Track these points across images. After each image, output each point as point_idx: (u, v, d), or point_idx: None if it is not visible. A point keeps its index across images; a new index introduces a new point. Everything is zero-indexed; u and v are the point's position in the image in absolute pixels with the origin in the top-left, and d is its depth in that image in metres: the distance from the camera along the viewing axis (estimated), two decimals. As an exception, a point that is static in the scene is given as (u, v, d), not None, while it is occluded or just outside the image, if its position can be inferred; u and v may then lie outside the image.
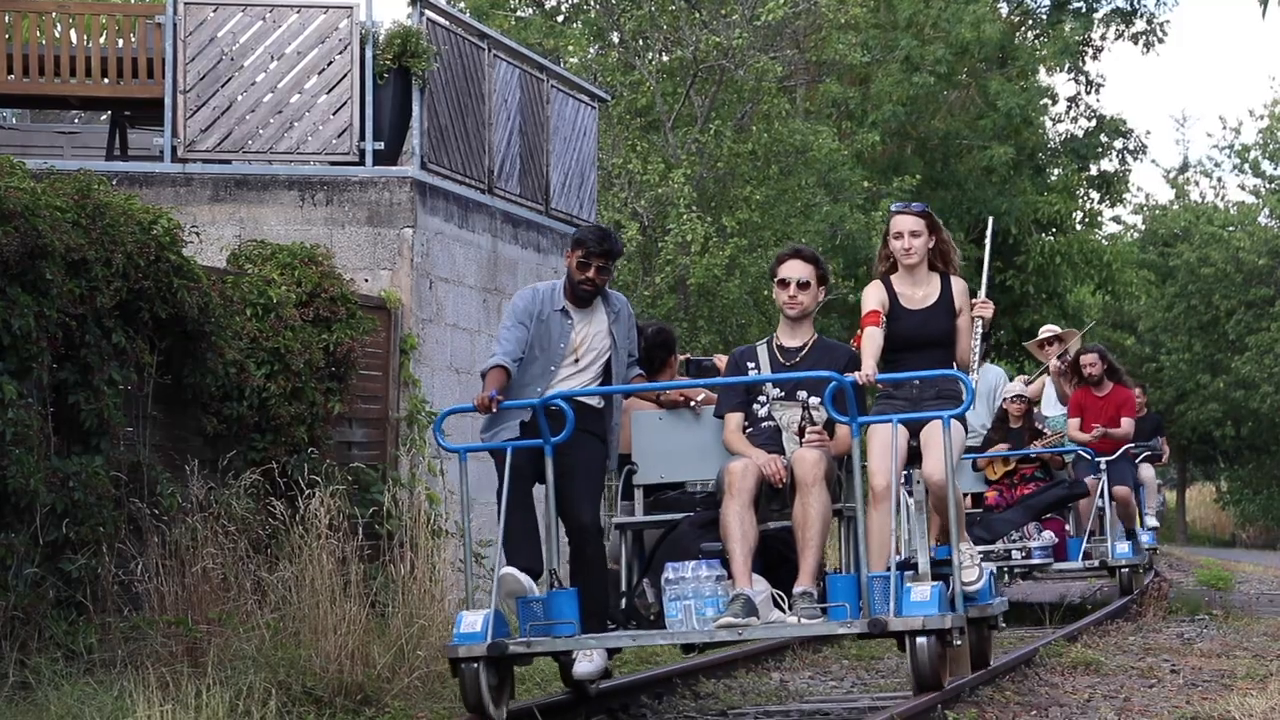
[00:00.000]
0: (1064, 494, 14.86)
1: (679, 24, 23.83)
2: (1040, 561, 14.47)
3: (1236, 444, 43.81)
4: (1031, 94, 32.41)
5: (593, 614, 8.27)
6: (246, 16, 13.15)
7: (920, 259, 8.65)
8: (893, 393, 8.63)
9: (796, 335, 8.63)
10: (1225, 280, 41.31)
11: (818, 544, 8.00)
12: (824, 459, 8.11)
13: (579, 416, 8.41)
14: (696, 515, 8.48)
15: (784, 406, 8.48)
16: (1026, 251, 32.66)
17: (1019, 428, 15.21)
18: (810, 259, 8.61)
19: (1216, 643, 11.70)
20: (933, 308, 8.64)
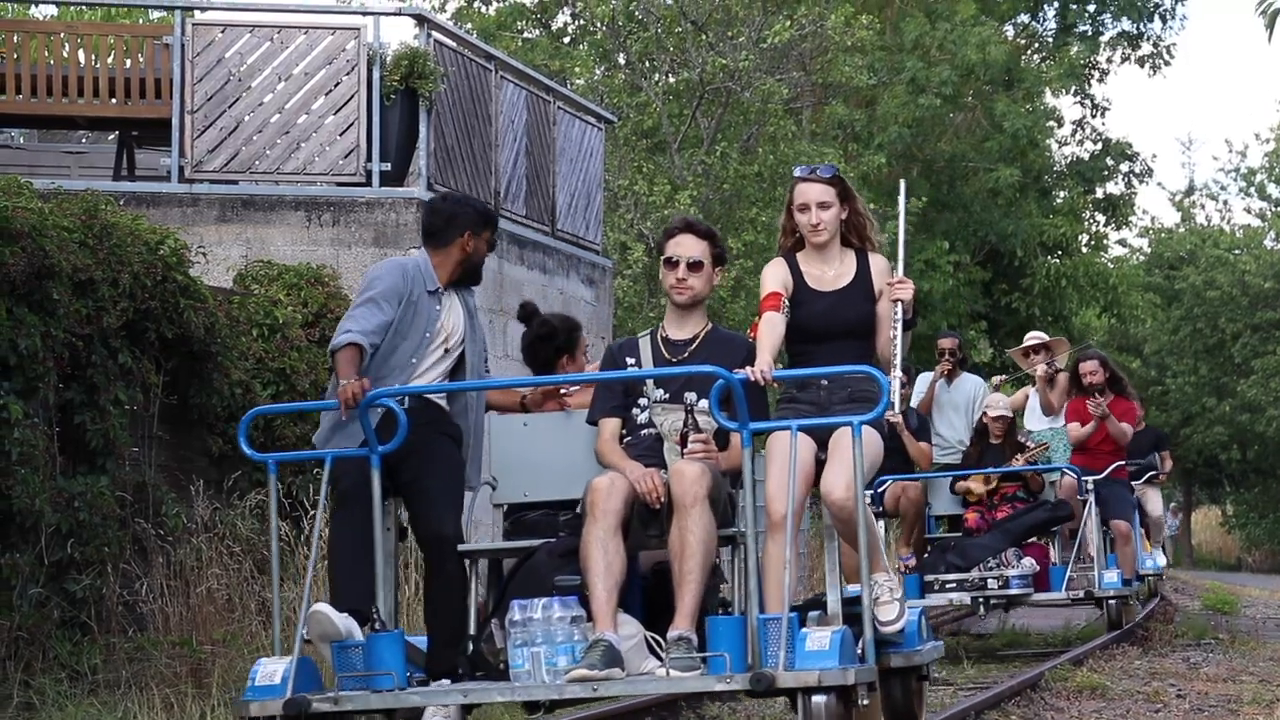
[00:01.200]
0: (1046, 517, 13.44)
1: (685, 46, 23.85)
2: (1019, 592, 13.01)
3: (1242, 467, 43.83)
4: (1038, 116, 32.43)
5: (447, 648, 6.98)
6: (254, 37, 13.18)
7: (831, 235, 7.18)
8: (796, 395, 7.15)
9: (686, 325, 7.17)
10: (1231, 303, 41.35)
11: (697, 578, 6.49)
12: (707, 474, 6.59)
13: (429, 416, 7.22)
14: (556, 542, 6.95)
15: (666, 411, 7.01)
16: (1032, 274, 32.66)
17: (1000, 443, 13.82)
18: (705, 234, 7.20)
19: (1222, 667, 11.67)
20: (846, 290, 7.17)
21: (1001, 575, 12.94)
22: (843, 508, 6.71)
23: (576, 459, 7.16)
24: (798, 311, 7.10)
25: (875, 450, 6.93)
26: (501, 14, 30.34)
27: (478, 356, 7.53)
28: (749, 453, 6.41)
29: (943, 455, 14.06)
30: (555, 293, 14.65)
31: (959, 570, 12.98)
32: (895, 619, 6.96)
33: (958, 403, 14.33)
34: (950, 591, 13.04)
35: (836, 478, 6.72)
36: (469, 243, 7.39)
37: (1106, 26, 36.08)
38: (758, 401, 6.76)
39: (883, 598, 6.94)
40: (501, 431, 7.44)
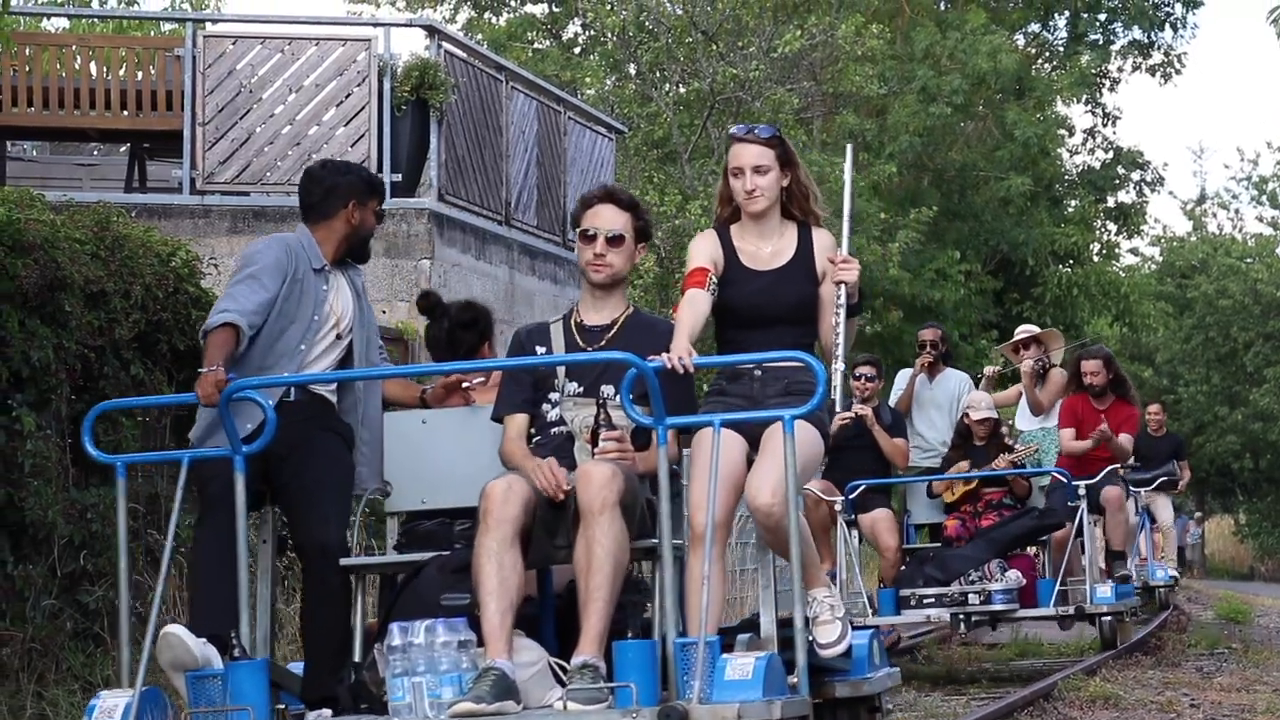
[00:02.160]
0: (1033, 525, 12.23)
1: (696, 56, 23.87)
2: (1002, 607, 11.75)
3: (1255, 476, 43.74)
4: (1049, 125, 32.42)
5: (326, 674, 6.12)
6: (265, 49, 13.21)
7: (768, 204, 6.32)
8: (726, 387, 6.27)
9: (604, 309, 6.31)
10: (1243, 312, 41.28)
11: (605, 596, 5.55)
12: (619, 477, 5.67)
13: (312, 411, 6.45)
14: (449, 556, 6.04)
15: (579, 406, 6.15)
16: (1043, 283, 32.65)
17: (984, 444, 12.65)
18: (628, 205, 6.35)
19: (1236, 677, 11.64)
20: (785, 269, 6.30)
21: (983, 589, 11.71)
22: (769, 514, 5.82)
23: (481, 461, 6.22)
24: (728, 291, 6.24)
25: (812, 449, 6.06)
26: (512, 25, 30.40)
27: (368, 344, 6.71)
28: (664, 452, 5.49)
29: (923, 458, 13.07)
30: (566, 303, 14.65)
31: (937, 583, 11.81)
32: (836, 641, 6.19)
33: (939, 400, 13.26)
34: (928, 607, 11.85)
35: (763, 480, 5.84)
36: (354, 214, 6.68)
37: (1117, 35, 36.10)
38: (681, 393, 5.99)
39: (822, 616, 6.20)
40: (397, 430, 6.59)
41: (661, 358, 5.67)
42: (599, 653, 5.53)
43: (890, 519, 12.52)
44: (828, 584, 6.29)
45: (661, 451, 5.53)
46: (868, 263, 25.44)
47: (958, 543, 12.18)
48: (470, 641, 5.56)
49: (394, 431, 6.58)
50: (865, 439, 12.38)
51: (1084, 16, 35.42)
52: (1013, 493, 12.49)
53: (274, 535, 6.41)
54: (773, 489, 5.80)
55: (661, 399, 5.49)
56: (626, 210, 6.32)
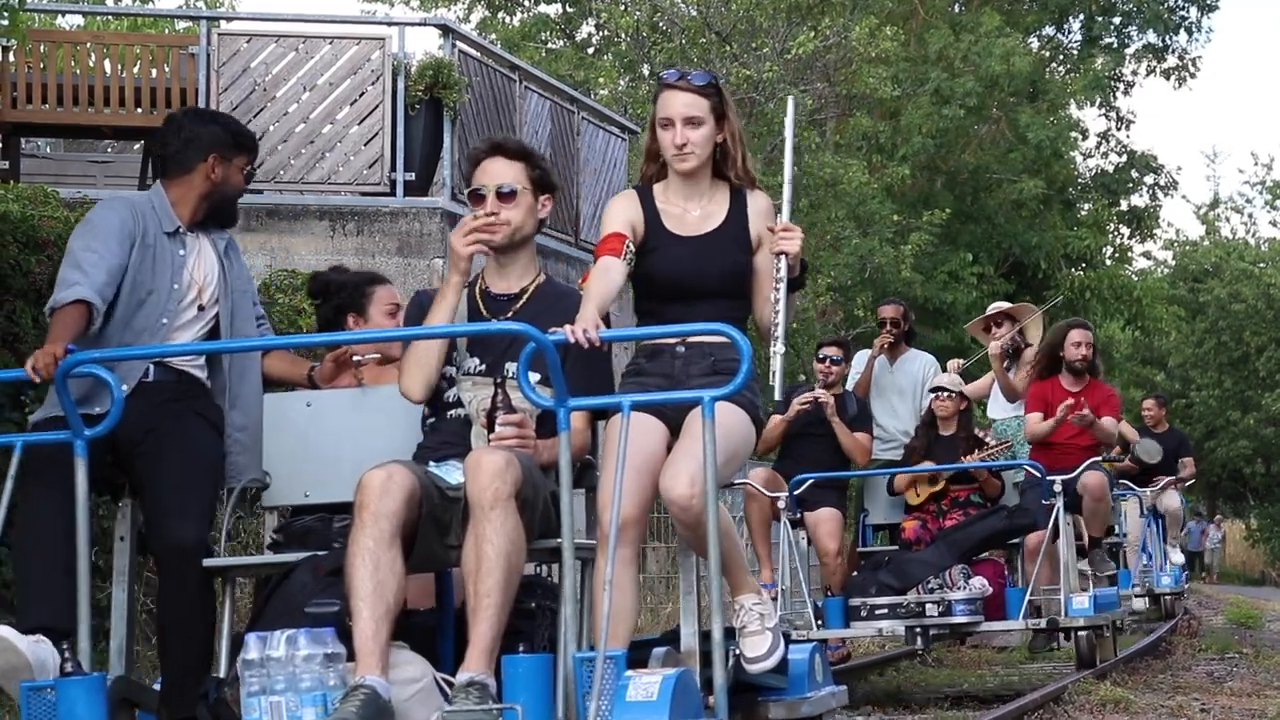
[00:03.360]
0: (1002, 526, 10.86)
1: (709, 57, 23.88)
2: (964, 620, 10.27)
3: (1267, 481, 43.72)
4: (1062, 128, 32.41)
5: (183, 690, 5.43)
6: (279, 48, 13.23)
7: (699, 162, 5.57)
8: (645, 365, 5.55)
9: (510, 276, 5.57)
10: (1256, 316, 41.25)
11: (496, 602, 4.78)
12: (515, 467, 4.90)
13: (177, 392, 5.81)
14: (324, 557, 5.28)
15: (477, 385, 5.39)
16: (1056, 286, 32.64)
17: (952, 435, 11.23)
18: (517, 154, 5.60)
19: (1247, 681, 11.62)
20: (714, 235, 5.58)
21: (943, 599, 10.26)
22: (687, 508, 5.11)
23: (374, 449, 5.43)
24: (649, 259, 5.55)
25: (739, 436, 5.35)
26: (526, 25, 30.42)
27: (238, 315, 5.95)
28: (566, 437, 4.73)
29: (882, 450, 11.77)
30: (578, 303, 14.69)
31: (892, 591, 10.40)
32: (766, 654, 5.44)
33: (902, 385, 11.99)
34: (880, 619, 10.38)
35: (680, 469, 5.15)
36: (215, 169, 5.94)
37: (1132, 39, 36.07)
38: (595, 372, 5.33)
39: (750, 626, 5.47)
40: (279, 413, 5.81)
41: (564, 330, 4.90)
42: (488, 668, 4.75)
43: (835, 520, 11.24)
44: (757, 590, 5.55)
45: (563, 437, 4.72)
46: (880, 264, 25.45)
47: (917, 546, 10.90)
48: (339, 655, 4.75)
49: (275, 415, 5.81)
50: (824, 427, 11.17)
51: (1098, 20, 35.39)
52: (983, 491, 11.21)
53: (133, 531, 5.70)
54: (690, 479, 5.09)
55: (563, 377, 4.71)
56: (517, 160, 5.59)
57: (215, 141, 5.97)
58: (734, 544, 5.53)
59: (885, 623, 10.36)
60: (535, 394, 4.78)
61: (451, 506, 5.00)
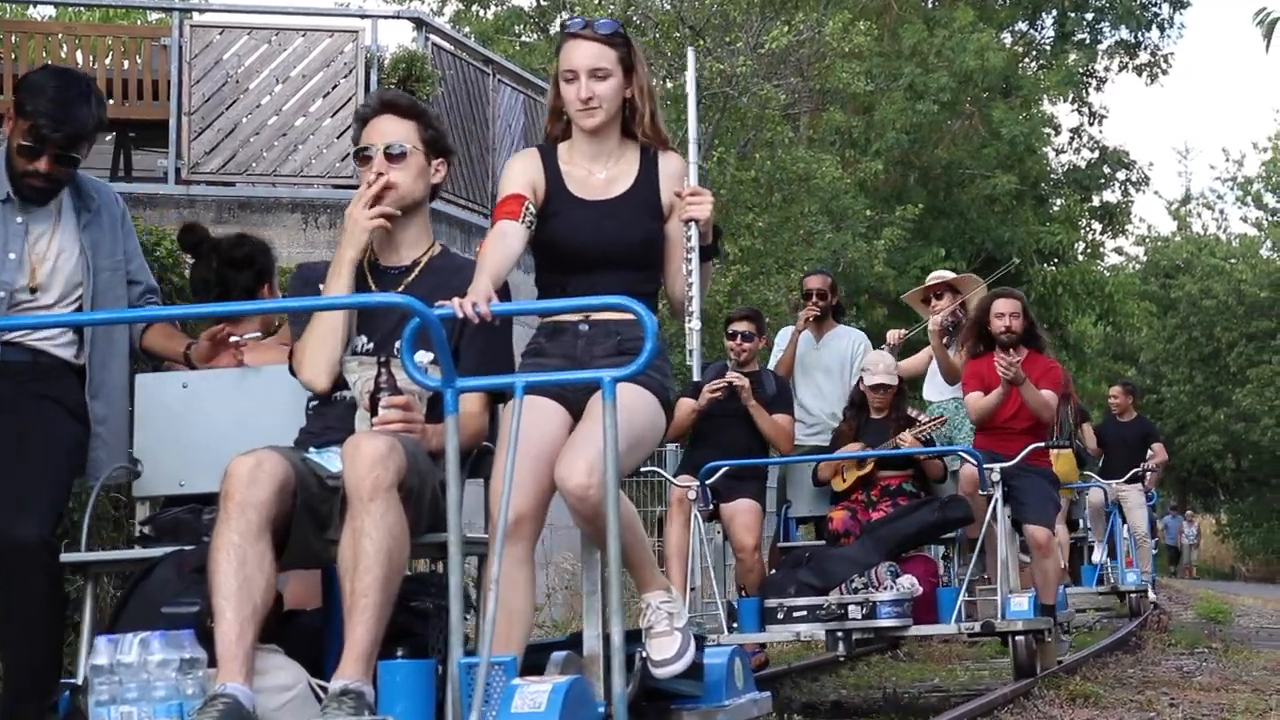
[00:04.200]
0: (933, 519, 9.74)
1: (683, 51, 23.88)
2: (891, 623, 9.27)
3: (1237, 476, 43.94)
4: (1035, 123, 32.50)
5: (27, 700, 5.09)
6: (252, 40, 13.19)
7: (607, 118, 5.06)
8: (545, 345, 5.07)
9: (401, 247, 5.07)
10: (1227, 312, 41.42)
11: (375, 602, 4.35)
12: (398, 453, 4.46)
13: (26, 374, 5.32)
14: (190, 552, 4.76)
15: (364, 365, 4.91)
16: (1028, 281, 32.73)
17: (883, 417, 10.15)
18: (409, 112, 5.09)
19: (1216, 676, 11.66)
20: (622, 200, 5.08)
21: (867, 600, 9.24)
22: (584, 498, 4.62)
23: (255, 434, 4.91)
24: (550, 225, 5.04)
25: (645, 420, 4.86)
26: (500, 18, 30.40)
27: (107, 299, 5.45)
28: (453, 421, 4.25)
29: (807, 435, 10.68)
30: (551, 297, 14.69)
31: (813, 591, 9.37)
32: (674, 657, 4.90)
33: (828, 363, 10.81)
34: (798, 621, 9.37)
35: (576, 455, 4.67)
36: (10, 133, 5.38)
37: (1104, 35, 36.21)
38: (492, 349, 4.91)
39: (657, 627, 4.92)
40: (152, 395, 5.27)
41: (451, 303, 4.44)
42: (365, 675, 4.31)
43: (753, 512, 10.03)
44: (666, 587, 5.03)
45: (449, 421, 4.25)
46: (854, 259, 25.49)
47: (846, 539, 9.75)
48: (198, 660, 4.26)
49: (148, 397, 5.27)
50: (739, 410, 10.00)
51: (1071, 16, 35.50)
52: (922, 477, 10.11)
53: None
54: (588, 466, 4.60)
55: (450, 356, 4.26)
56: (409, 119, 5.08)
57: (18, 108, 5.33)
58: (638, 537, 4.93)
59: (804, 626, 9.39)
60: (420, 374, 4.30)
61: (331, 497, 4.52)
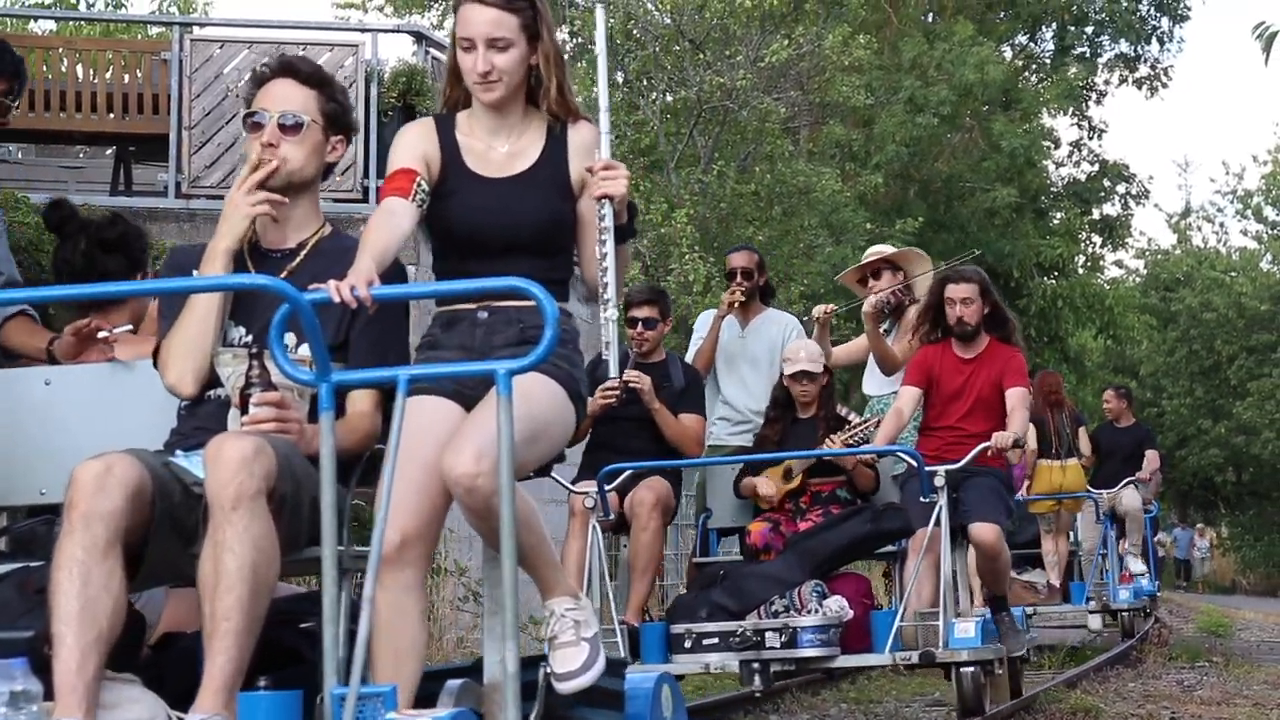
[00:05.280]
0: (865, 531, 8.39)
1: (683, 65, 23.89)
2: (815, 652, 7.89)
3: (1238, 490, 43.90)
4: (1035, 137, 32.53)
5: None
6: (252, 54, 13.20)
7: (508, 91, 4.52)
8: (440, 336, 4.54)
9: (286, 228, 4.55)
10: (1227, 325, 41.41)
11: (238, 626, 3.83)
12: (265, 457, 3.95)
13: None
14: (35, 569, 4.25)
15: (237, 358, 4.36)
16: (1028, 295, 32.72)
17: (812, 416, 8.76)
18: (311, 79, 4.57)
19: (1217, 690, 11.65)
20: (526, 178, 4.55)
21: (787, 625, 7.89)
22: (472, 488, 4.07)
23: (124, 436, 4.38)
24: (446, 205, 4.53)
25: (548, 411, 4.33)
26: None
27: None
28: (327, 420, 3.78)
29: (731, 434, 9.39)
30: (551, 310, 14.68)
31: (728, 615, 8.07)
32: (581, 669, 4.34)
33: (755, 353, 9.43)
34: (708, 650, 8.01)
35: (464, 443, 4.12)
36: None
37: (1104, 48, 36.23)
38: (385, 339, 4.42)
39: (562, 637, 4.39)
40: (11, 394, 4.77)
41: (327, 286, 3.93)
42: (225, 708, 3.81)
43: (656, 487, 8.63)
44: (573, 592, 4.49)
45: (324, 420, 3.76)
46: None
47: (766, 555, 8.43)
48: (32, 693, 3.68)
49: (8, 396, 4.78)
50: (644, 413, 8.66)
51: (1071, 29, 35.53)
52: (852, 485, 8.74)
53: None
54: (477, 453, 4.07)
55: (324, 345, 3.80)
56: (311, 87, 4.56)
57: None
58: (539, 537, 4.35)
59: (714, 656, 8.05)
60: (290, 366, 3.82)
61: (197, 505, 4.01)
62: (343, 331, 4.36)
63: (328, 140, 4.58)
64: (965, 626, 8.15)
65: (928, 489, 8.25)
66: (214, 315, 4.39)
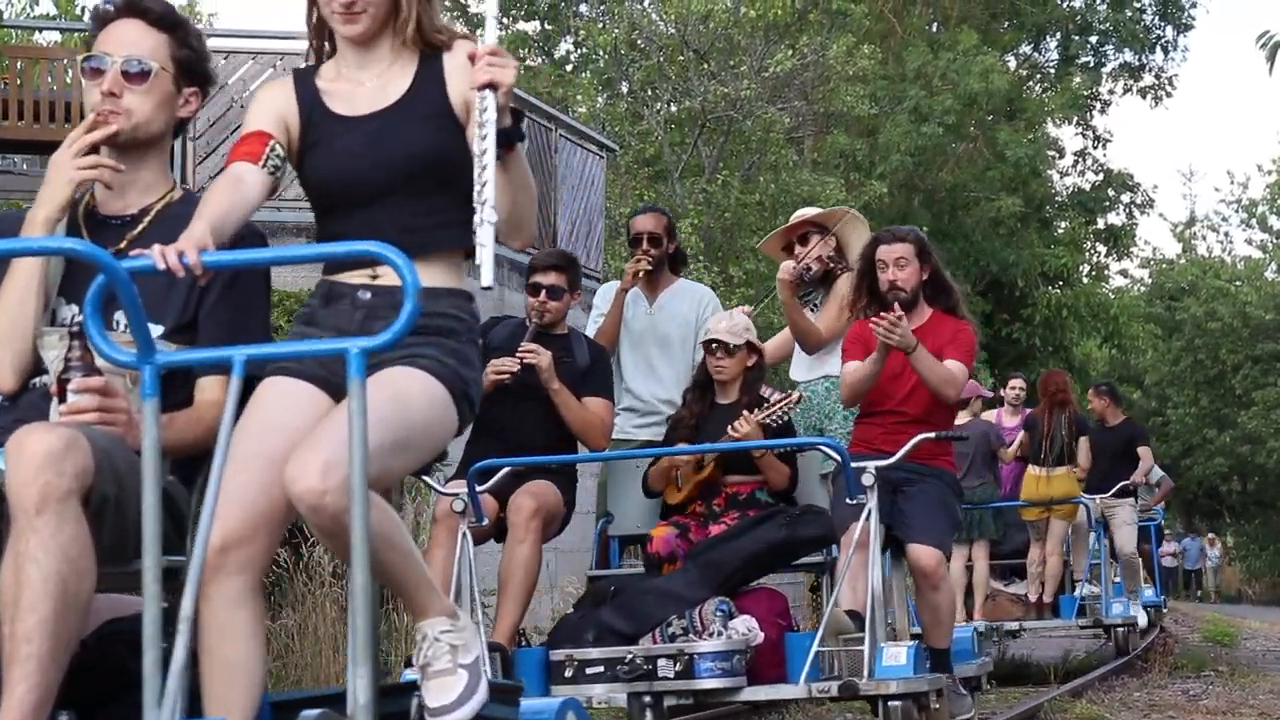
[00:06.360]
0: (779, 539, 7.03)
1: (687, 75, 23.91)
2: (716, 684, 6.61)
3: (1243, 499, 43.90)
4: (1039, 146, 32.55)
5: None
6: (256, 64, 13.22)
7: (371, 24, 3.91)
8: (316, 314, 3.91)
9: (130, 192, 3.94)
10: (1232, 335, 41.41)
11: (40, 651, 3.27)
12: (77, 453, 3.35)
13: None
14: None
15: (63, 340, 3.70)
16: (1033, 304, 32.71)
17: (733, 402, 7.34)
18: (165, 21, 3.96)
19: (1222, 700, 11.63)
20: (398, 110, 3.90)
21: (682, 652, 6.61)
22: (316, 507, 3.45)
23: None
24: (312, 159, 3.96)
25: (422, 411, 3.66)
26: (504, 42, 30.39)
27: None
28: (153, 407, 3.19)
29: (638, 426, 7.93)
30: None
31: (619, 639, 6.80)
32: (455, 703, 3.74)
33: (665, 332, 7.95)
34: (592, 681, 6.75)
35: (309, 454, 3.47)
36: None
37: (1108, 58, 36.23)
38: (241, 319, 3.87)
39: (436, 665, 3.78)
40: None
41: (151, 252, 3.33)
42: None
43: (538, 490, 7.16)
44: (449, 613, 3.84)
45: (148, 408, 3.18)
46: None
47: (670, 566, 7.10)
48: None
49: None
50: (542, 394, 7.20)
51: (1075, 39, 35.55)
52: (768, 484, 7.32)
53: None
54: (324, 466, 3.43)
55: (144, 321, 3.23)
56: (161, 30, 3.96)
57: None
58: (404, 552, 3.72)
59: (599, 687, 6.79)
60: (110, 347, 3.24)
61: None
62: (191, 309, 3.83)
63: (179, 92, 4.00)
64: (896, 652, 6.84)
65: (854, 489, 6.89)
66: (33, 293, 3.80)
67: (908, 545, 7.24)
